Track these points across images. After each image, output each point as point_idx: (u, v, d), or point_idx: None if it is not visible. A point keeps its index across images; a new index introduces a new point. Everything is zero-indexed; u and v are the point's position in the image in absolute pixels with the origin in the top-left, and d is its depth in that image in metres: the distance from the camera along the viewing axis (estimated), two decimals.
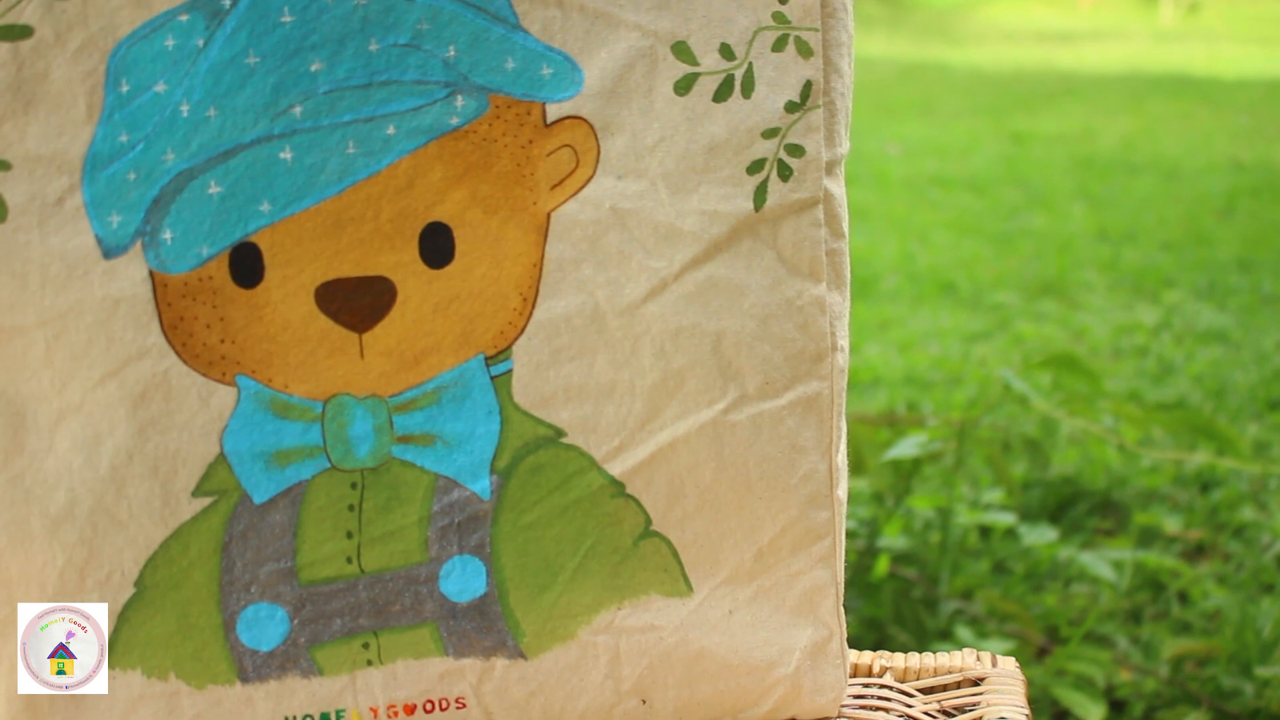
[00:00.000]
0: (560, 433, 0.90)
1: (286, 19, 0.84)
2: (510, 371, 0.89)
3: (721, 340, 0.90)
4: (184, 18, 0.84)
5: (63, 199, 0.85)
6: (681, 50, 0.87)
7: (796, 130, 0.89)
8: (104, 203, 0.85)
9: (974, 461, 2.66)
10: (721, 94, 0.88)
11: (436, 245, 0.88)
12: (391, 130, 0.86)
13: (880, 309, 3.93)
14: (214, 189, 0.85)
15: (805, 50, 0.88)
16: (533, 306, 0.89)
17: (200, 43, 0.84)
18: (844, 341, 0.92)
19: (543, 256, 0.88)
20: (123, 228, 0.85)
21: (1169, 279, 4.27)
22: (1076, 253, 4.60)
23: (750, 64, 0.88)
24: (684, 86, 0.88)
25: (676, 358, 0.89)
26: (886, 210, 5.19)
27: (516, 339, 0.89)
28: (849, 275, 0.93)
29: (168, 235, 0.85)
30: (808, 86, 0.89)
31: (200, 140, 0.85)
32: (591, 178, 0.88)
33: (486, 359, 0.89)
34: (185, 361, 0.87)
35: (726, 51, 0.88)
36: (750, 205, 0.89)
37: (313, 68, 0.85)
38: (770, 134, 0.88)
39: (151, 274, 0.86)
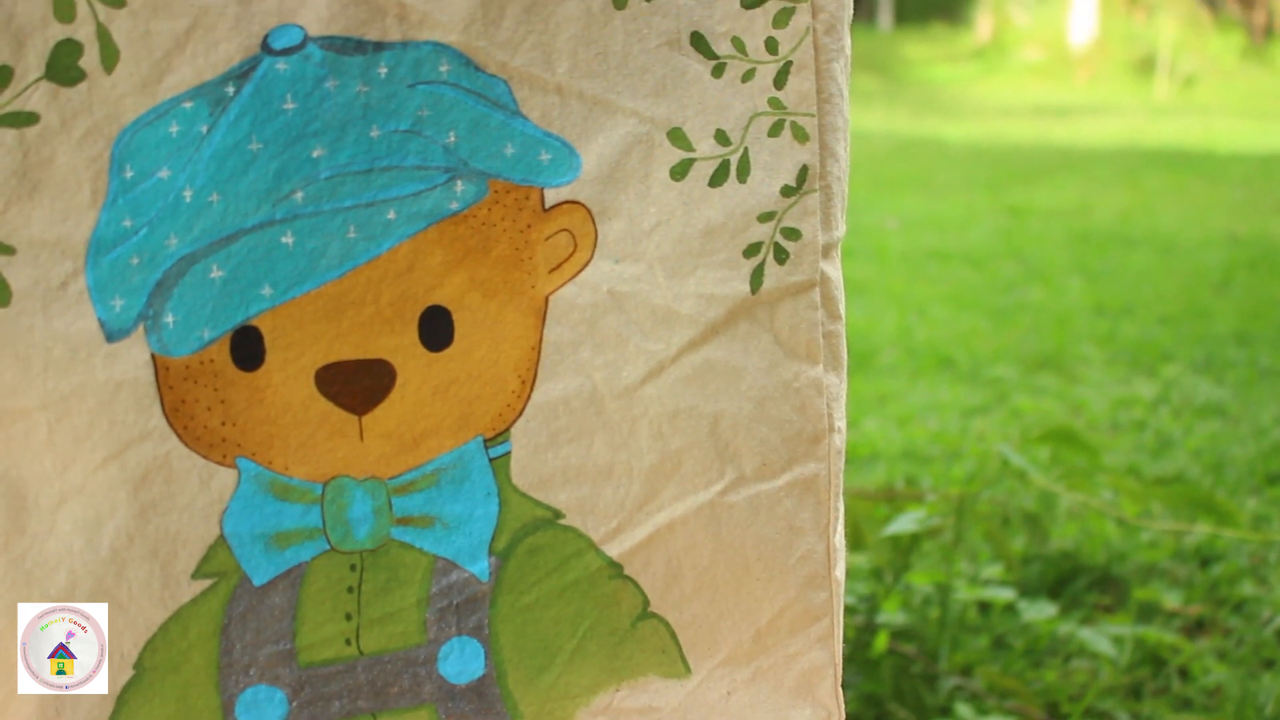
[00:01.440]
0: (558, 514, 0.91)
1: (289, 106, 0.85)
2: (509, 453, 0.90)
3: (719, 422, 0.90)
4: (188, 105, 0.85)
5: (66, 283, 0.86)
6: (677, 136, 0.88)
7: (793, 214, 0.90)
8: (107, 287, 0.86)
9: (973, 536, 2.65)
10: (717, 179, 0.89)
11: (436, 328, 0.88)
12: (392, 215, 0.87)
13: (878, 383, 3.94)
14: (216, 273, 0.86)
15: (801, 135, 0.89)
16: (531, 389, 0.89)
17: (204, 129, 0.85)
18: (841, 423, 0.93)
19: (541, 339, 0.89)
20: (125, 311, 0.86)
21: (1166, 353, 4.28)
22: (1074, 327, 4.61)
23: (746, 149, 0.89)
24: (680, 172, 0.89)
25: (674, 439, 0.90)
26: (884, 284, 5.21)
27: (515, 421, 0.90)
28: (845, 357, 0.94)
29: (170, 319, 0.86)
30: (804, 171, 0.90)
31: (203, 225, 0.86)
32: (589, 261, 0.89)
33: (485, 441, 0.90)
34: (186, 444, 0.87)
35: (722, 137, 0.89)
36: (747, 288, 0.89)
37: (314, 154, 0.86)
38: (766, 218, 0.89)
39: (154, 357, 0.87)
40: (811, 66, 0.89)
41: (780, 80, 0.89)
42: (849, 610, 2.19)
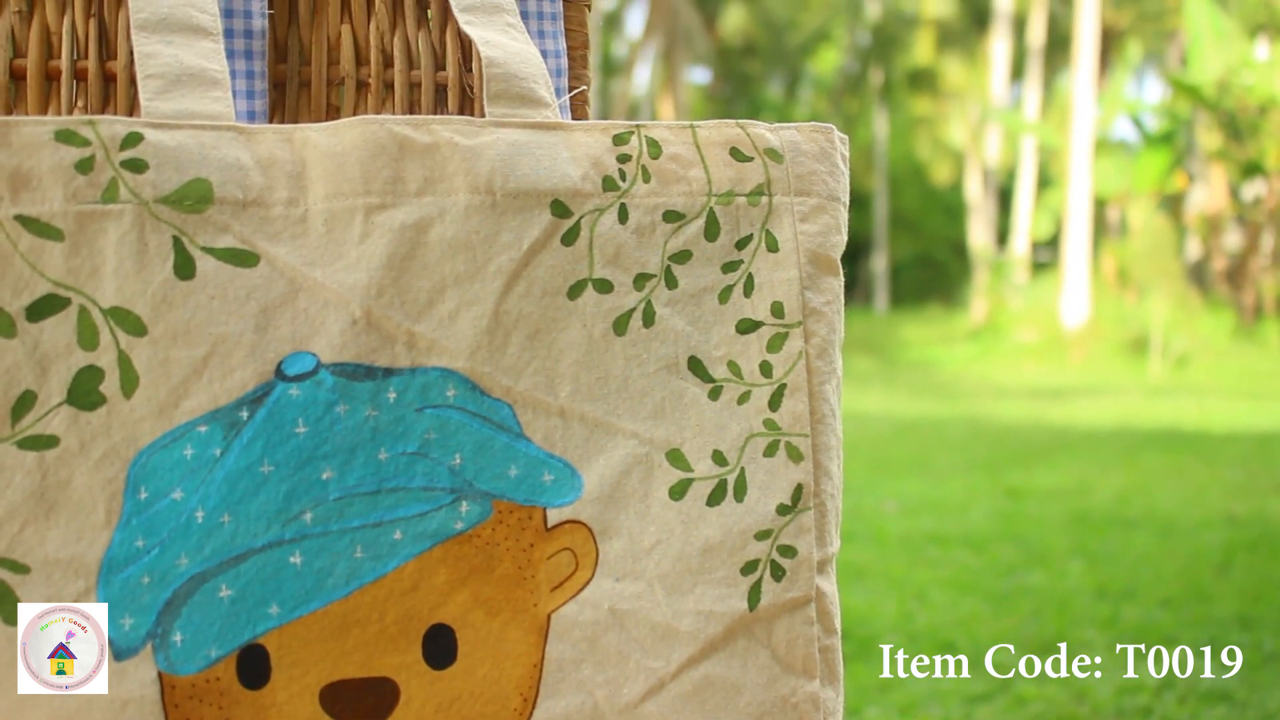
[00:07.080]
0: None
1: (300, 430, 0.88)
2: None
3: None
4: (203, 429, 0.88)
5: (78, 602, 0.87)
6: (676, 457, 0.91)
7: (788, 532, 0.92)
8: (117, 605, 0.87)
9: None
10: (715, 498, 0.91)
11: (440, 647, 0.90)
12: (398, 535, 0.89)
13: (880, 670, 3.90)
14: (225, 592, 0.88)
15: (796, 455, 0.92)
16: (533, 707, 0.90)
17: (217, 452, 0.88)
18: None
19: (543, 657, 0.90)
20: (134, 630, 0.87)
21: (1169, 636, 4.25)
22: (1075, 610, 4.59)
23: (743, 469, 0.92)
24: (679, 491, 0.91)
25: None
26: (884, 569, 5.20)
27: None
28: (841, 670, 0.95)
29: (178, 637, 0.87)
30: (799, 490, 0.92)
31: (213, 545, 0.88)
32: (591, 580, 0.91)
33: None
34: None
35: (719, 458, 0.91)
36: (745, 605, 0.91)
37: (324, 476, 0.88)
38: (763, 536, 0.91)
39: (160, 675, 0.87)
40: (805, 388, 0.92)
41: (775, 402, 0.92)
42: None
